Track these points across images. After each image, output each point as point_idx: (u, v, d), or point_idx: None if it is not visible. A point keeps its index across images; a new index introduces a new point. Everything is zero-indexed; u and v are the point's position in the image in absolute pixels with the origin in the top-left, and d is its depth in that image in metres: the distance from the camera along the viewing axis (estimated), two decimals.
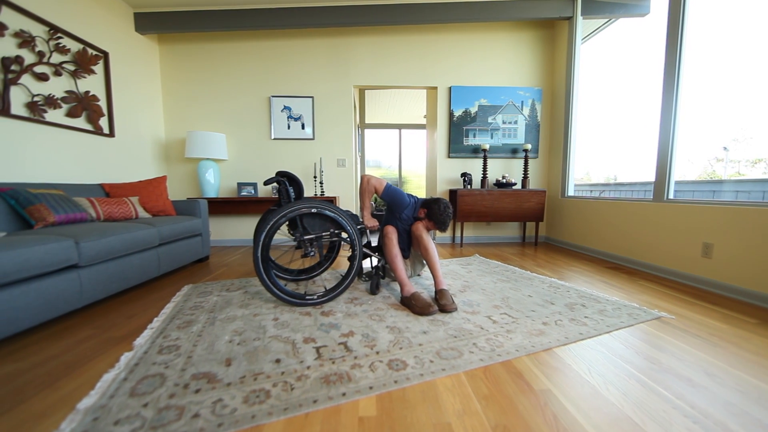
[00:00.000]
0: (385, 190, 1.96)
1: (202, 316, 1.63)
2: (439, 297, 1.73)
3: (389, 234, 1.90)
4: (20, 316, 1.35)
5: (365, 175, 1.97)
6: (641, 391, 1.04)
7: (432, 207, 1.90)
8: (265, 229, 1.63)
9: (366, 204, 1.99)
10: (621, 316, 1.62)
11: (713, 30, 2.38)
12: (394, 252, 1.87)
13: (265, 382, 1.06)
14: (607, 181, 4.17)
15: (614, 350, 1.30)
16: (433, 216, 1.89)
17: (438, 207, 1.88)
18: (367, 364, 1.17)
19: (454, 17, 3.35)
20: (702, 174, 3.49)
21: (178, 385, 1.04)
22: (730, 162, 3.23)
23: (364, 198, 1.97)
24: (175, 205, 2.82)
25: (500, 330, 1.46)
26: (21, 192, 1.85)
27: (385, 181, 1.99)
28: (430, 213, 1.91)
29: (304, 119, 3.71)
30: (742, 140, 3.06)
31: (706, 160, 3.46)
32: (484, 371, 1.15)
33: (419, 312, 1.63)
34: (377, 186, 1.95)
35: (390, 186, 2.00)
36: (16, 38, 2.13)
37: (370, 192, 1.96)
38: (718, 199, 2.20)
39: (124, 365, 1.17)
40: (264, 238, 1.63)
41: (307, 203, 1.70)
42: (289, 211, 1.67)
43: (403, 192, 2.04)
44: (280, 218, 1.65)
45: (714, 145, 3.09)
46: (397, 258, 1.86)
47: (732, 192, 3.25)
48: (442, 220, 1.88)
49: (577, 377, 1.11)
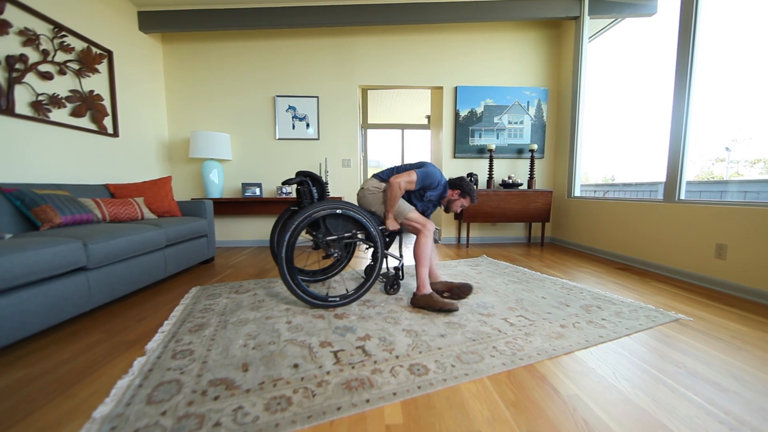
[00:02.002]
0: (418, 182, 1.82)
1: (213, 319, 1.60)
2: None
3: (431, 233, 1.85)
4: (29, 320, 1.31)
5: (395, 180, 1.78)
6: (671, 396, 1.01)
7: (462, 185, 1.97)
8: (290, 228, 1.59)
9: (393, 207, 1.85)
10: (638, 318, 1.60)
11: (714, 30, 2.36)
12: (428, 253, 1.82)
13: (285, 389, 1.03)
14: (605, 181, 4.16)
15: (637, 353, 1.27)
16: (468, 191, 1.97)
17: (467, 183, 1.98)
18: (387, 369, 1.14)
19: (460, 17, 3.33)
20: (700, 174, 3.49)
21: (195, 392, 1.01)
22: (730, 162, 3.24)
23: (393, 203, 1.82)
24: (181, 206, 2.78)
25: (518, 333, 1.43)
26: (27, 193, 1.81)
27: (412, 171, 1.83)
28: (464, 191, 1.97)
29: (309, 119, 3.68)
30: (741, 141, 3.06)
31: (706, 161, 3.47)
32: (508, 376, 1.12)
33: (441, 307, 1.66)
34: (409, 185, 1.82)
35: (421, 173, 1.84)
36: (20, 36, 2.09)
37: (401, 194, 1.83)
38: (727, 199, 2.18)
39: (137, 371, 1.14)
40: (289, 238, 1.59)
41: (332, 204, 1.68)
42: (315, 210, 1.64)
43: (434, 170, 1.90)
44: (305, 219, 1.61)
45: (714, 146, 3.09)
46: (428, 258, 1.82)
47: (739, 192, 3.25)
48: (475, 192, 2.01)
49: (604, 382, 1.09)
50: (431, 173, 1.87)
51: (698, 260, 2.20)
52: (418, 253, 1.82)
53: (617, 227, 2.92)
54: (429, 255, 1.84)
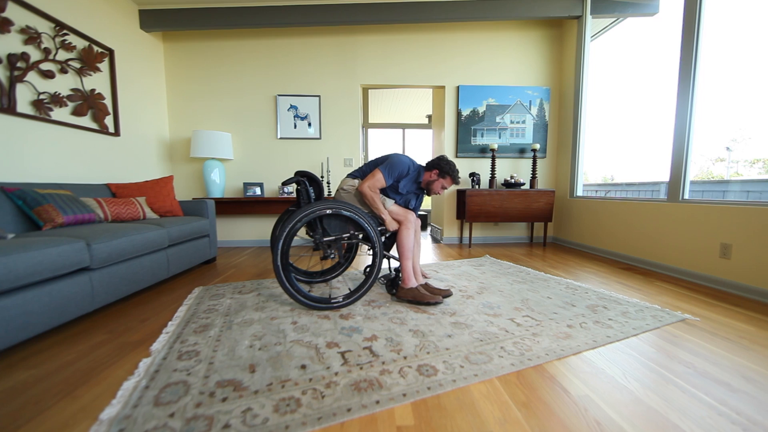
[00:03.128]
0: (386, 177, 1.81)
1: (217, 319, 1.58)
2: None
3: (412, 224, 1.86)
4: (33, 321, 1.30)
5: (361, 187, 1.80)
6: (682, 396, 1.01)
7: (440, 165, 1.89)
8: (282, 236, 1.57)
9: (380, 208, 1.84)
10: (645, 318, 1.59)
11: (715, 29, 2.36)
12: (410, 245, 1.84)
13: (293, 390, 1.02)
14: (605, 181, 4.16)
15: (645, 353, 1.27)
16: (447, 171, 1.89)
17: (445, 162, 1.89)
18: (396, 369, 1.14)
19: (463, 16, 3.32)
20: (699, 174, 3.49)
21: (203, 393, 1.00)
22: (730, 162, 3.24)
23: (376, 205, 1.82)
24: (182, 206, 2.77)
25: (526, 333, 1.43)
26: (28, 192, 1.80)
27: (376, 171, 1.81)
28: (443, 170, 1.90)
29: (311, 118, 3.67)
30: (741, 140, 3.06)
31: (706, 160, 3.47)
32: (517, 376, 1.12)
33: (429, 300, 1.72)
34: (378, 183, 1.81)
35: (384, 169, 1.81)
36: (21, 34, 2.07)
37: (377, 196, 1.82)
38: (730, 199, 2.18)
39: (143, 372, 1.13)
40: (282, 245, 1.57)
41: (324, 204, 1.65)
42: (304, 215, 1.60)
43: (400, 159, 1.84)
44: (296, 223, 1.59)
45: (715, 145, 3.09)
46: (410, 250, 1.84)
47: (742, 192, 3.25)
48: (456, 170, 1.91)
49: (613, 382, 1.08)
50: (396, 163, 1.84)
51: (703, 260, 2.20)
52: (400, 245, 1.84)
53: (620, 227, 2.92)
54: (411, 247, 1.85)
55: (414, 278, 1.83)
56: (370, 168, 1.91)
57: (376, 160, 1.94)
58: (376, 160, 1.94)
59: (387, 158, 1.88)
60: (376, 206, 1.82)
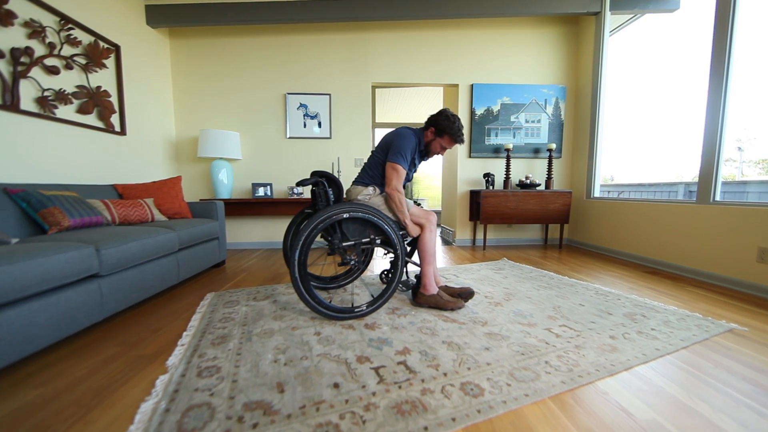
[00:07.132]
0: (403, 163, 1.65)
1: (235, 330, 1.49)
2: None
3: (434, 226, 1.76)
4: (39, 334, 1.20)
5: (390, 189, 1.65)
6: (759, 421, 0.91)
7: (438, 120, 1.63)
8: (297, 245, 1.45)
9: (406, 213, 1.72)
10: (690, 328, 1.50)
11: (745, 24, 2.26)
12: (433, 250, 1.75)
13: (329, 413, 0.92)
14: (605, 181, 4.05)
15: (702, 368, 1.17)
16: (446, 128, 1.62)
17: (444, 117, 1.62)
18: (437, 388, 1.04)
19: (477, 12, 3.22)
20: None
21: (231, 419, 0.90)
22: (740, 162, 3.13)
23: (403, 209, 1.70)
24: (191, 207, 2.67)
25: (568, 345, 1.33)
26: (33, 194, 1.70)
27: (395, 166, 1.63)
28: (440, 127, 1.64)
29: (321, 117, 3.57)
30: (746, 140, 2.96)
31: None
32: (572, 396, 1.02)
33: (452, 307, 1.67)
34: (403, 178, 1.66)
35: (395, 158, 1.63)
36: (25, 28, 1.98)
37: (404, 197, 1.71)
38: (752, 200, 2.08)
39: (161, 391, 1.03)
40: (299, 255, 1.46)
41: (340, 208, 1.53)
42: (319, 221, 1.49)
43: (401, 134, 1.65)
44: (312, 231, 1.48)
45: (725, 146, 2.98)
46: (433, 255, 1.75)
47: (762, 193, 3.14)
48: (458, 127, 1.62)
49: (679, 403, 0.99)
50: (404, 144, 1.63)
51: (738, 264, 2.10)
52: (422, 249, 1.73)
53: (643, 229, 2.82)
54: (434, 252, 1.76)
55: (434, 284, 1.74)
56: (378, 163, 1.74)
57: (378, 149, 1.76)
58: (379, 149, 1.75)
59: (391, 143, 1.68)
60: (401, 210, 1.69)
